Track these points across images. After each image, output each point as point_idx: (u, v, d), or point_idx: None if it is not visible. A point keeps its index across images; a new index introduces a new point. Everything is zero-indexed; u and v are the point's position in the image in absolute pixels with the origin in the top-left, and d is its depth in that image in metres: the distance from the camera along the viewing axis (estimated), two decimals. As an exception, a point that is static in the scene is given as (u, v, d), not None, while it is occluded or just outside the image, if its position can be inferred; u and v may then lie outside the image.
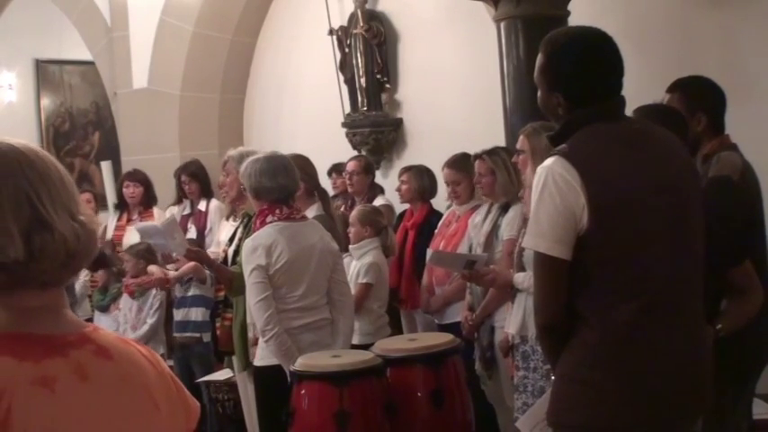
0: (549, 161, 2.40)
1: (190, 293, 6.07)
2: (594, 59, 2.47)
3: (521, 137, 4.04)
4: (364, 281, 5.12)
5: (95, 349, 1.39)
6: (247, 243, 4.15)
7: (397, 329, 5.50)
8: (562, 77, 2.48)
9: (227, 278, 4.68)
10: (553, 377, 2.61)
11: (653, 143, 2.49)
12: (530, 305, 3.82)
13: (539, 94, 2.56)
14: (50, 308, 1.38)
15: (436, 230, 5.40)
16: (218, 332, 5.87)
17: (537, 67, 2.56)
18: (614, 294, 2.36)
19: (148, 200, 7.22)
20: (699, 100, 3.30)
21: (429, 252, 4.67)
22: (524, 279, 3.82)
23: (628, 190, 2.36)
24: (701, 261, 2.48)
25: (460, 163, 5.19)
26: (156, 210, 7.20)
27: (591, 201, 2.31)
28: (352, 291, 4.94)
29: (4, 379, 1.27)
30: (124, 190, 7.18)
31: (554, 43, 2.54)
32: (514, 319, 3.93)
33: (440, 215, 5.78)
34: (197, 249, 5.12)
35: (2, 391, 1.26)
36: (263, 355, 4.12)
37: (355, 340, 5.03)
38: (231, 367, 5.28)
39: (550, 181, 2.35)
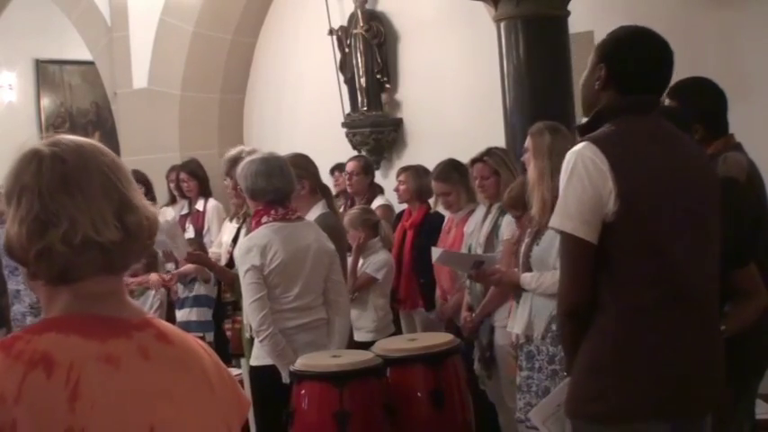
0: (578, 146, 2.44)
1: (192, 294, 6.08)
2: (655, 53, 2.53)
3: (528, 136, 4.05)
4: (371, 273, 5.24)
5: (157, 333, 1.46)
6: (242, 243, 4.16)
7: (396, 329, 5.51)
8: (616, 53, 2.52)
9: (229, 280, 4.69)
10: (565, 373, 2.62)
11: (678, 143, 2.54)
12: (536, 305, 3.83)
13: (587, 70, 2.60)
14: (113, 293, 1.46)
15: (440, 238, 5.39)
16: (228, 334, 5.87)
17: (598, 43, 2.60)
18: (638, 282, 2.39)
19: (148, 199, 7.21)
20: (694, 110, 3.26)
21: (435, 251, 4.65)
22: (532, 279, 3.82)
23: (655, 183, 2.40)
24: (718, 262, 2.52)
25: (447, 173, 5.20)
26: (156, 209, 7.20)
27: (618, 187, 2.35)
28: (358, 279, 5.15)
29: (72, 355, 1.34)
30: None
31: (629, 28, 2.61)
32: (520, 319, 3.92)
33: (438, 215, 5.78)
34: (198, 253, 5.12)
35: (70, 365, 1.33)
36: (257, 355, 4.12)
37: (362, 337, 5.05)
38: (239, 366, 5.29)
39: (580, 164, 2.39)
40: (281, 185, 4.11)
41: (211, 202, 7.05)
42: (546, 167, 3.83)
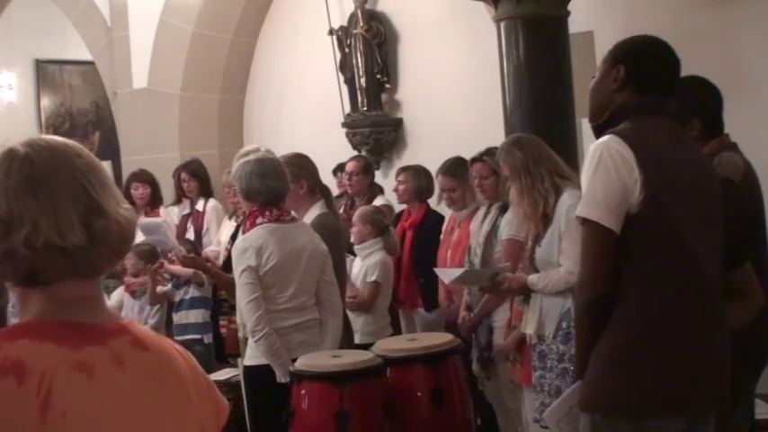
0: (604, 138, 2.49)
1: (188, 296, 6.07)
2: (670, 56, 2.62)
3: (500, 163, 4.10)
4: (373, 279, 5.19)
5: (132, 340, 1.44)
6: (238, 244, 4.18)
7: (395, 329, 5.50)
8: (637, 53, 2.61)
9: (225, 284, 4.69)
10: (568, 370, 2.63)
11: (689, 143, 2.64)
12: (545, 305, 3.85)
13: (597, 75, 2.67)
14: (89, 298, 1.44)
15: (441, 237, 5.35)
16: (222, 331, 5.86)
17: (611, 49, 2.67)
18: (660, 274, 2.43)
19: (155, 200, 7.23)
20: (692, 106, 3.27)
21: (447, 273, 4.56)
22: (539, 280, 3.84)
23: (675, 177, 2.46)
24: (722, 261, 2.58)
25: (455, 169, 5.18)
26: (162, 209, 7.21)
27: (644, 176, 2.40)
28: (362, 290, 5.13)
29: (44, 363, 1.32)
30: (132, 191, 7.15)
31: (642, 35, 2.71)
32: (531, 320, 3.94)
33: (437, 215, 5.78)
34: (193, 257, 5.12)
35: (42, 373, 1.31)
36: (252, 355, 4.14)
37: (357, 340, 5.04)
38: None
39: (606, 155, 2.44)
40: (275, 186, 4.13)
41: (211, 202, 7.07)
42: (525, 183, 3.91)
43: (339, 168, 7.10)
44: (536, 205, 3.87)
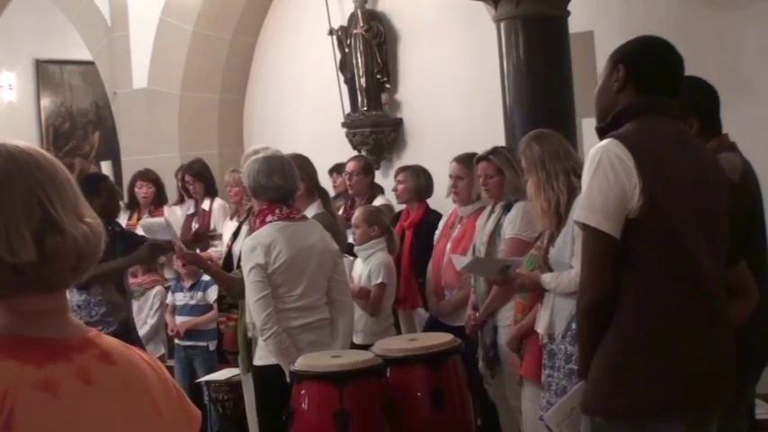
0: (604, 142, 2.48)
1: (193, 302, 6.07)
2: (671, 55, 2.61)
3: (520, 157, 4.07)
4: (379, 281, 5.14)
5: (98, 354, 1.39)
6: (246, 242, 4.16)
7: (395, 329, 5.49)
8: (636, 52, 2.61)
9: (225, 283, 4.67)
10: (574, 371, 2.63)
11: (694, 144, 2.63)
12: (557, 304, 3.84)
13: (601, 78, 2.67)
14: (54, 311, 1.39)
15: (438, 232, 5.34)
16: (221, 327, 5.86)
17: (614, 50, 2.68)
18: (662, 278, 2.42)
19: (159, 199, 7.23)
20: (690, 104, 3.28)
21: (458, 259, 4.56)
22: (551, 279, 3.83)
23: (676, 180, 2.45)
24: (723, 262, 2.58)
25: (468, 159, 5.12)
26: (166, 209, 7.22)
27: (643, 182, 2.38)
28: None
29: (7, 382, 1.28)
30: (136, 190, 7.15)
31: (644, 36, 2.73)
32: (543, 319, 3.94)
33: (437, 214, 5.77)
34: (194, 254, 5.11)
35: (5, 393, 1.27)
36: (261, 355, 4.13)
37: (361, 340, 5.02)
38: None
39: (605, 159, 2.43)
40: (282, 183, 4.13)
41: (217, 201, 7.07)
42: (541, 178, 3.89)
43: (335, 169, 7.08)
44: (550, 201, 3.87)
